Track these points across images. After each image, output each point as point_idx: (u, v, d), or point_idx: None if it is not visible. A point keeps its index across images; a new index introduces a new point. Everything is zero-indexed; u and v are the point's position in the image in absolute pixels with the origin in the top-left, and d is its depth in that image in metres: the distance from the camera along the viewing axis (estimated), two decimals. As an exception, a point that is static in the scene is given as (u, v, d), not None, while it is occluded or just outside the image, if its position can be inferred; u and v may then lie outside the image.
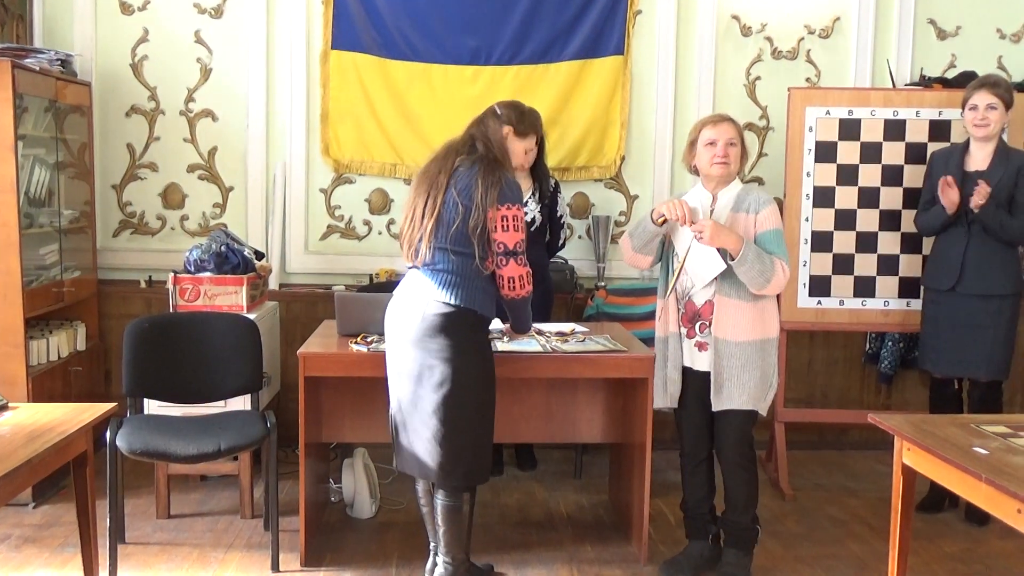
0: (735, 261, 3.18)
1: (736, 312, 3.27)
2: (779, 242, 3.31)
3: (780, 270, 3.23)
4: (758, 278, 3.20)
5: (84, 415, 2.77)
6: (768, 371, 3.34)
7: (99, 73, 4.83)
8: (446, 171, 3.15)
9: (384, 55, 4.88)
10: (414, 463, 3.18)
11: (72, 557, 3.51)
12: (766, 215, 3.31)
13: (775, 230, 3.31)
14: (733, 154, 3.31)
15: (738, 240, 3.19)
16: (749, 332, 3.28)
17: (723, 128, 3.32)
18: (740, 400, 3.30)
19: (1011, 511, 2.28)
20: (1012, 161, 3.93)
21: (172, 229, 4.96)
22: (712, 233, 3.18)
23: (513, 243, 3.10)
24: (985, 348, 3.95)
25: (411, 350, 3.11)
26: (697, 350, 3.36)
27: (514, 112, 3.32)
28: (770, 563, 3.63)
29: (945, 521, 4.11)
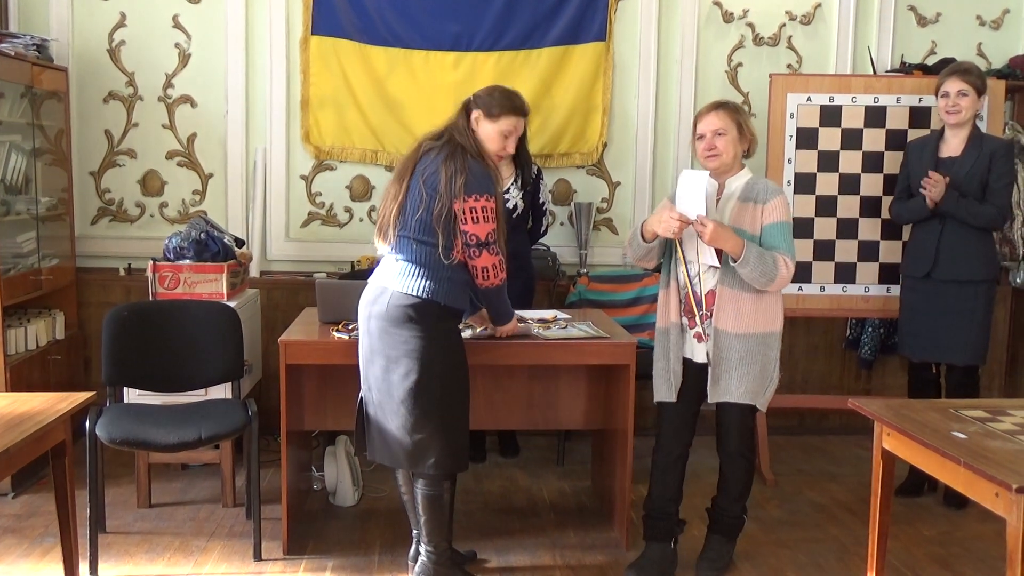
0: (736, 264, 3.10)
1: (737, 303, 3.19)
2: (785, 235, 3.19)
3: (783, 267, 3.12)
4: (760, 278, 3.11)
5: (62, 404, 2.74)
6: (769, 365, 3.25)
7: (76, 58, 4.77)
8: (414, 159, 3.14)
9: (365, 41, 4.85)
10: (385, 452, 3.18)
11: (52, 547, 3.48)
12: (773, 206, 3.19)
13: (781, 223, 3.19)
14: (723, 144, 3.20)
15: (738, 243, 3.08)
16: (751, 324, 3.20)
17: (709, 120, 3.23)
18: (737, 393, 3.22)
19: (989, 495, 2.29)
20: (985, 147, 3.96)
21: (151, 216, 4.92)
22: (713, 235, 3.06)
23: (484, 234, 3.06)
24: (961, 334, 3.98)
25: (377, 340, 3.11)
26: (696, 341, 3.28)
27: (484, 94, 3.23)
28: (751, 548, 3.65)
29: (924, 505, 4.15)
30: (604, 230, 5.08)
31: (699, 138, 3.26)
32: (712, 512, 3.45)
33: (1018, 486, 2.16)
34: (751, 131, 3.28)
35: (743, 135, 3.25)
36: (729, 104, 3.29)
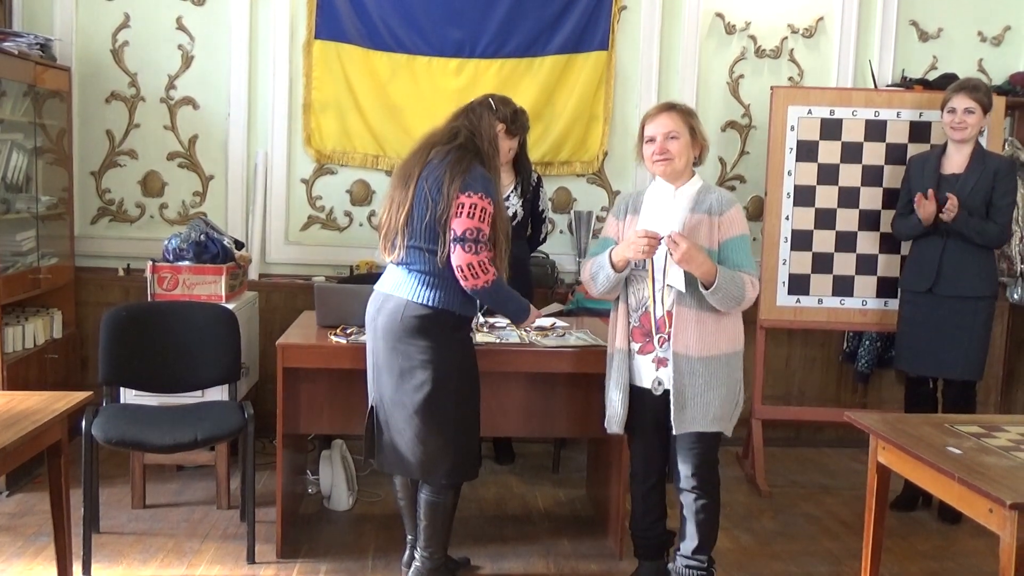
0: (707, 291, 2.87)
1: (697, 325, 2.95)
2: (746, 250, 3.00)
3: (751, 289, 2.94)
4: (730, 303, 2.92)
5: (59, 403, 2.75)
6: (734, 388, 3.03)
7: (79, 58, 4.78)
8: (421, 163, 3.10)
9: (368, 46, 4.86)
10: (397, 462, 3.16)
11: (46, 546, 3.48)
12: (731, 218, 2.98)
13: (741, 236, 3.00)
14: (676, 148, 2.96)
15: (710, 267, 2.86)
16: (712, 346, 2.97)
17: (660, 121, 2.99)
18: (704, 422, 2.97)
19: (983, 511, 2.30)
20: (988, 164, 3.97)
21: (151, 217, 4.93)
22: (686, 255, 2.83)
23: (462, 229, 2.98)
24: (960, 349, 3.99)
25: (390, 350, 3.09)
26: (656, 366, 3.03)
27: (509, 110, 3.27)
28: (745, 559, 3.65)
29: (918, 519, 4.15)
30: (603, 239, 5.09)
31: (648, 141, 3.01)
32: (673, 567, 3.16)
33: (1012, 502, 2.17)
34: (703, 136, 3.06)
35: (695, 140, 3.03)
36: (680, 106, 3.07)
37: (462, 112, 3.21)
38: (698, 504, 3.05)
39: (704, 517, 3.06)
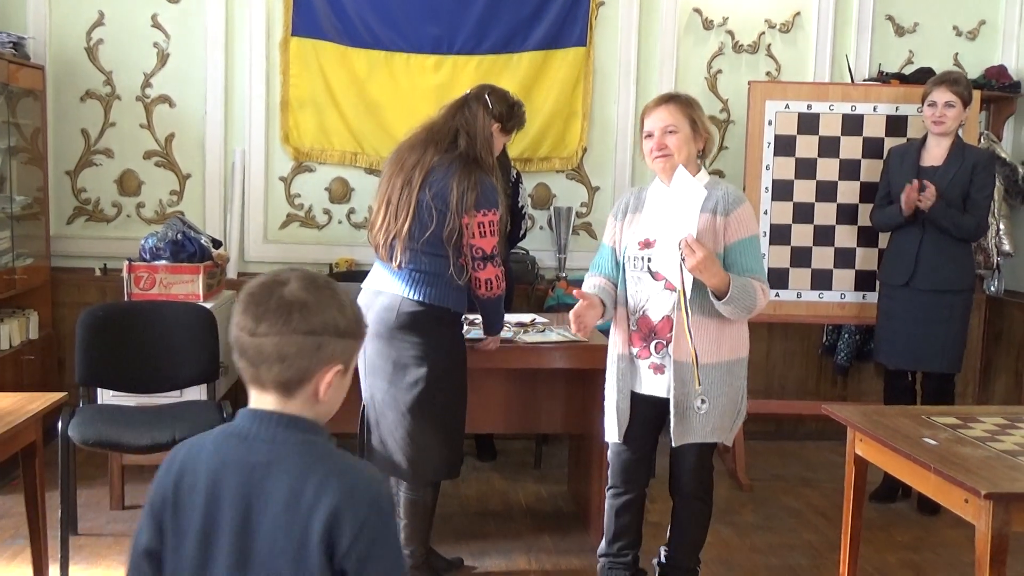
0: (721, 302, 2.69)
1: (699, 331, 2.76)
2: (756, 254, 2.80)
3: (762, 297, 2.75)
4: (741, 313, 2.75)
5: (33, 404, 2.73)
6: (736, 396, 2.88)
7: (53, 57, 4.73)
8: (422, 168, 3.04)
9: (345, 43, 4.84)
10: (386, 462, 3.13)
11: (23, 549, 3.43)
12: (739, 218, 2.77)
13: (751, 238, 2.79)
14: (675, 142, 2.80)
15: (723, 279, 2.67)
16: (715, 353, 2.79)
17: (658, 115, 2.84)
18: (703, 432, 2.83)
19: (959, 501, 2.32)
20: (967, 158, 3.99)
21: (128, 216, 4.89)
22: (700, 265, 2.62)
23: (491, 248, 3.06)
24: (938, 342, 4.01)
25: (384, 347, 3.07)
26: (652, 372, 2.86)
27: (506, 107, 3.20)
28: (726, 552, 3.66)
29: (898, 511, 4.17)
30: (583, 235, 5.09)
31: (647, 136, 2.86)
32: (663, 567, 3.07)
33: (987, 492, 2.18)
34: (706, 128, 2.89)
35: (697, 132, 2.84)
36: (681, 97, 2.89)
37: (458, 107, 3.16)
38: (691, 510, 2.98)
39: (697, 521, 3.00)
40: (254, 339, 1.42)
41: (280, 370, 1.42)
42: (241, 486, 1.41)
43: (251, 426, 1.44)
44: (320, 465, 1.42)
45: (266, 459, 1.42)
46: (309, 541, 1.38)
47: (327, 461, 1.44)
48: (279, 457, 1.42)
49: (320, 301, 1.45)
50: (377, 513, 1.41)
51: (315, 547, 1.37)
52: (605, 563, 3.06)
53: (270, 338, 1.41)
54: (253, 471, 1.41)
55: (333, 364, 1.46)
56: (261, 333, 1.42)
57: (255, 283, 1.47)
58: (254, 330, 1.42)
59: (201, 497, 1.42)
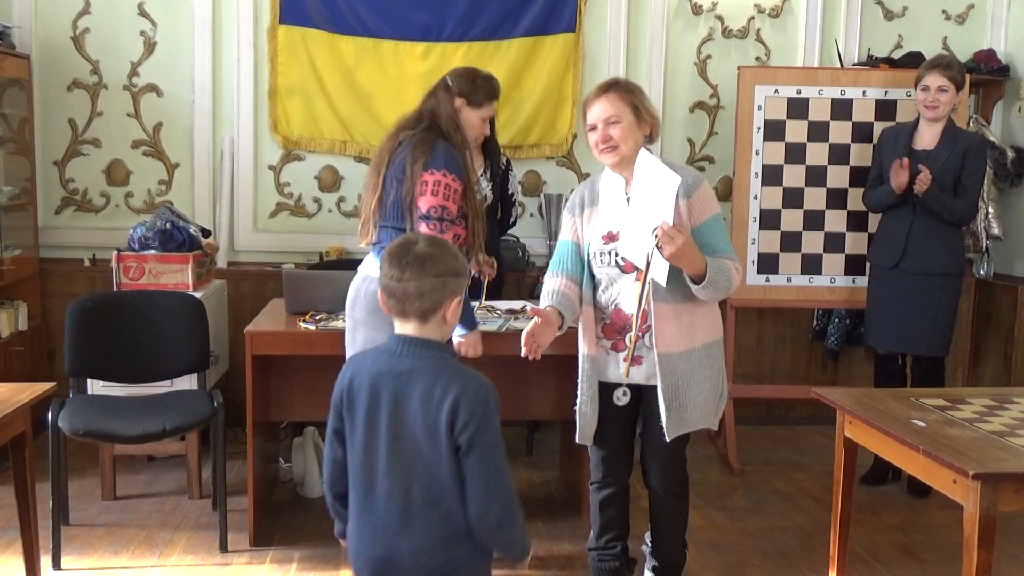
0: (699, 286, 2.64)
1: (675, 318, 2.73)
2: (722, 232, 2.77)
3: (735, 276, 2.71)
4: (719, 294, 2.70)
5: (22, 395, 2.71)
6: (718, 379, 2.85)
7: (39, 46, 4.70)
8: (390, 149, 3.10)
9: (333, 30, 4.81)
10: None
11: (15, 540, 3.42)
12: (702, 199, 2.73)
13: (715, 216, 2.76)
14: (619, 133, 2.71)
15: (701, 262, 2.62)
16: (692, 338, 2.76)
17: (599, 107, 2.74)
18: (693, 420, 2.80)
19: (947, 482, 2.33)
20: (959, 142, 3.99)
21: (116, 206, 4.86)
22: (679, 252, 2.54)
23: (427, 207, 2.95)
24: (927, 325, 4.02)
25: (359, 329, 3.07)
26: (628, 363, 2.79)
27: (465, 82, 3.18)
28: (717, 536, 3.68)
29: (888, 493, 4.20)
30: (573, 221, 5.08)
31: (590, 129, 2.77)
32: (651, 552, 3.09)
33: (975, 473, 2.19)
34: (650, 112, 2.79)
35: (641, 118, 2.75)
36: (620, 84, 2.79)
37: (426, 95, 3.21)
38: (668, 503, 2.96)
39: (675, 513, 2.98)
40: (400, 284, 1.97)
41: (420, 304, 1.98)
42: (392, 387, 1.98)
43: (398, 346, 2.02)
44: (445, 373, 1.97)
45: (408, 368, 1.98)
46: (438, 424, 1.92)
47: (450, 370, 1.99)
48: (417, 367, 1.98)
49: (441, 253, 2.01)
50: (483, 406, 1.93)
51: (442, 428, 1.92)
52: (595, 556, 3.05)
53: (412, 282, 1.96)
54: (399, 376, 1.98)
55: (455, 296, 2.02)
56: (405, 279, 1.97)
57: (394, 244, 2.03)
58: (400, 277, 1.97)
59: (366, 394, 2.00)
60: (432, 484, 1.95)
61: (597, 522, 3.02)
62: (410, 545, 1.96)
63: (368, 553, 2.02)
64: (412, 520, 1.96)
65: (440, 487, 1.95)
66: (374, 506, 2.00)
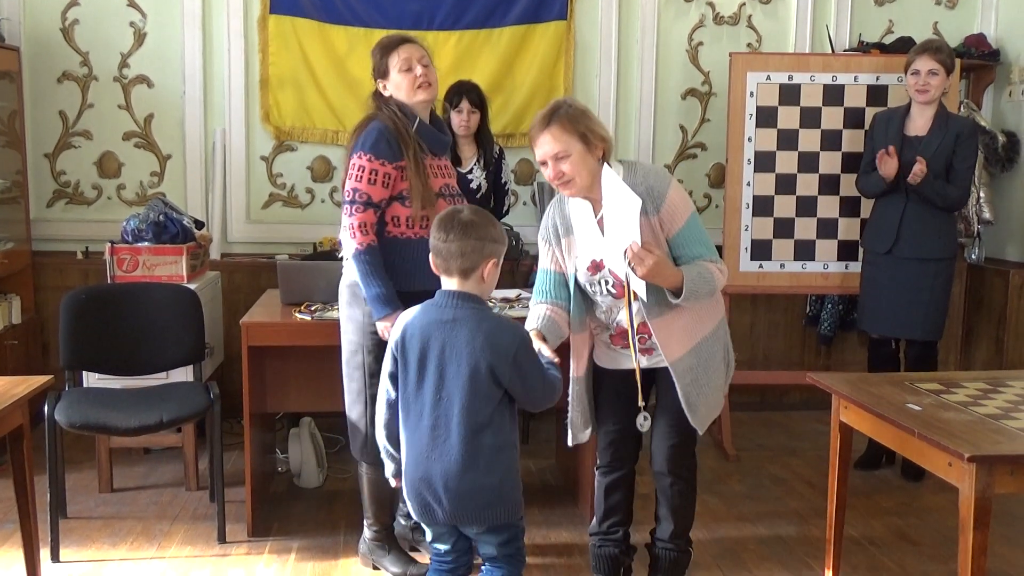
0: (679, 300, 2.60)
1: (674, 323, 2.69)
2: (699, 235, 2.68)
3: (719, 276, 2.67)
4: (704, 299, 2.67)
5: (19, 388, 2.71)
6: (724, 353, 2.84)
7: (28, 38, 4.67)
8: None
9: (324, 20, 4.80)
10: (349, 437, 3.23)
11: (12, 533, 3.44)
12: (671, 208, 2.64)
13: (689, 220, 2.66)
14: (571, 168, 2.58)
15: (676, 276, 2.57)
16: (696, 332, 2.74)
17: (543, 144, 2.59)
18: (717, 405, 2.83)
19: (943, 464, 2.35)
20: (951, 127, 4.00)
21: (108, 199, 4.85)
22: (653, 271, 2.51)
23: (351, 193, 2.96)
24: (921, 310, 4.04)
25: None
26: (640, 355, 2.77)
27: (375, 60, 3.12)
28: (713, 522, 3.70)
29: (882, 477, 4.22)
30: (567, 210, 5.08)
31: (541, 164, 2.63)
32: (651, 549, 3.00)
33: (970, 455, 2.21)
34: (600, 135, 2.62)
35: (591, 144, 2.60)
36: (561, 113, 2.59)
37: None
38: (675, 489, 2.88)
39: (681, 502, 2.89)
40: (446, 244, 2.36)
41: (461, 262, 2.35)
42: (439, 335, 2.35)
43: (444, 299, 2.39)
44: (485, 322, 2.35)
45: (453, 318, 2.35)
46: (479, 370, 2.31)
47: (489, 320, 2.38)
48: (460, 317, 2.35)
49: (482, 221, 2.39)
50: (523, 348, 2.36)
51: (483, 373, 2.30)
52: (596, 541, 3.01)
53: (456, 243, 2.35)
54: (445, 325, 2.35)
55: (490, 258, 2.39)
56: (450, 240, 2.35)
57: (444, 213, 2.42)
58: (445, 239, 2.36)
59: (417, 342, 2.37)
60: (470, 417, 2.31)
61: (601, 507, 2.98)
62: (441, 468, 2.32)
63: (410, 476, 2.39)
64: (448, 448, 2.32)
65: (477, 420, 2.31)
66: (420, 436, 2.36)
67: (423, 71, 3.02)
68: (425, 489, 2.37)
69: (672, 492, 2.88)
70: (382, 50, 3.06)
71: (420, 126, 3.04)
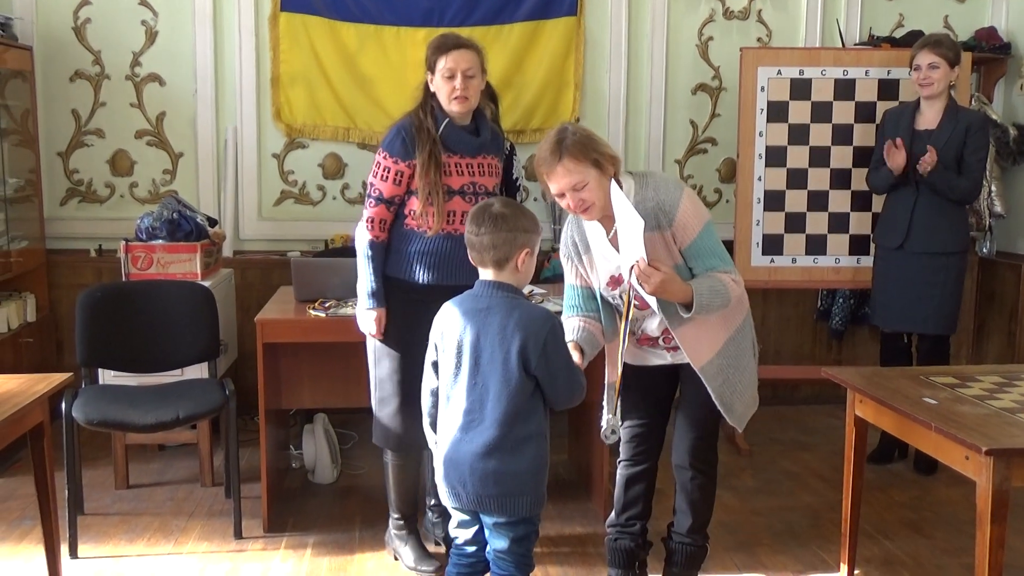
0: (690, 315, 2.60)
1: (698, 329, 2.70)
2: (713, 245, 2.66)
3: (733, 286, 2.64)
4: (718, 311, 2.66)
5: (39, 386, 2.73)
6: (750, 347, 2.85)
7: (40, 37, 4.69)
8: None
9: (334, 17, 4.80)
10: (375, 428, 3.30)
11: (30, 530, 3.47)
12: (684, 220, 2.62)
13: (702, 232, 2.65)
14: (589, 195, 2.57)
15: (686, 291, 2.57)
16: (721, 333, 2.75)
17: (558, 177, 2.56)
18: (753, 400, 2.86)
19: (959, 458, 2.35)
20: (961, 120, 4.00)
21: (121, 197, 4.86)
22: (660, 287, 2.53)
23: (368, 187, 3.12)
24: (933, 304, 4.04)
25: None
26: (667, 352, 2.81)
27: (428, 52, 3.10)
28: (727, 516, 3.70)
29: (895, 471, 4.23)
30: (577, 205, 5.08)
31: (559, 195, 2.61)
32: (667, 542, 3.00)
33: (987, 449, 2.22)
34: (610, 156, 2.61)
35: (603, 168, 2.59)
36: (567, 143, 2.55)
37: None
38: (695, 483, 2.88)
39: (700, 496, 2.89)
40: (478, 237, 2.44)
41: (494, 253, 2.43)
42: (475, 322, 2.43)
43: (480, 289, 2.48)
44: (517, 310, 2.42)
45: (487, 306, 2.43)
46: (511, 355, 2.37)
47: (521, 308, 2.44)
48: (494, 305, 2.43)
49: (513, 213, 2.45)
50: (552, 335, 2.40)
51: (514, 359, 2.37)
52: (612, 533, 3.00)
53: (487, 236, 2.43)
54: (480, 314, 2.43)
55: (523, 248, 2.45)
56: (482, 233, 2.43)
57: (476, 207, 2.51)
58: (478, 232, 2.44)
59: (454, 328, 2.45)
60: (503, 404, 2.37)
61: (620, 499, 2.97)
62: (471, 450, 2.40)
63: (442, 459, 2.46)
64: (480, 432, 2.39)
65: (510, 408, 2.37)
66: (455, 421, 2.44)
67: (462, 84, 3.01)
68: (453, 471, 2.43)
69: (692, 486, 2.88)
70: (435, 49, 3.08)
71: (447, 128, 3.07)
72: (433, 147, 3.04)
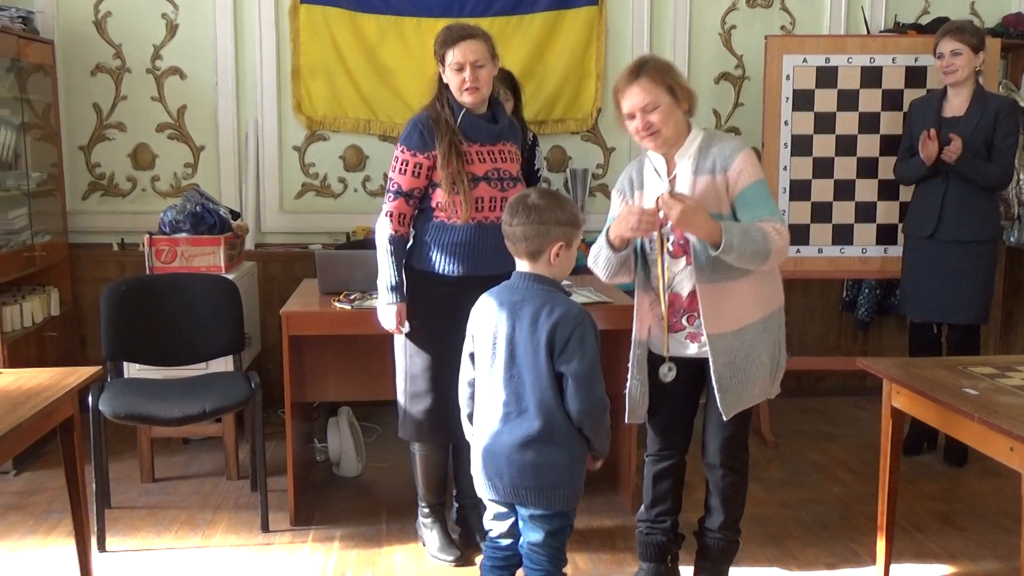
0: (718, 252, 2.53)
1: (722, 297, 2.65)
2: (763, 197, 2.63)
3: (775, 236, 2.56)
4: (752, 260, 2.57)
5: (69, 379, 2.72)
6: (775, 350, 2.78)
7: (61, 31, 4.68)
8: None
9: (355, 8, 4.78)
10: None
11: (58, 523, 3.47)
12: (738, 169, 2.61)
13: (754, 184, 2.62)
14: (659, 118, 2.59)
15: (713, 227, 2.52)
16: (746, 315, 2.68)
17: (632, 96, 2.60)
18: (750, 397, 2.74)
19: (1004, 449, 2.31)
20: (989, 106, 3.95)
21: (143, 190, 4.86)
22: (682, 217, 2.49)
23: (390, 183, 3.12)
24: (965, 293, 3.99)
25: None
26: (689, 341, 2.75)
27: (435, 45, 3.07)
28: (756, 509, 3.67)
29: (925, 463, 4.18)
30: (600, 196, 5.05)
31: (628, 117, 2.65)
32: (700, 537, 2.96)
33: (1033, 440, 2.18)
34: (685, 89, 2.65)
35: (678, 97, 2.62)
36: (649, 65, 2.63)
37: None
38: (726, 481, 2.84)
39: (732, 494, 2.85)
40: (512, 228, 2.44)
41: (526, 245, 2.43)
42: (510, 313, 2.43)
43: (515, 280, 2.48)
44: (549, 302, 2.40)
45: (521, 297, 2.43)
46: (541, 345, 2.37)
47: (553, 299, 2.41)
48: (528, 296, 2.43)
49: (548, 205, 2.43)
50: (579, 328, 2.36)
51: (543, 349, 2.36)
52: (643, 528, 2.97)
53: (521, 227, 2.42)
54: (515, 304, 2.43)
55: (557, 241, 2.43)
56: (516, 224, 2.43)
57: (514, 197, 2.50)
58: (511, 223, 2.44)
59: (490, 319, 2.46)
60: (535, 393, 2.37)
61: (649, 494, 2.95)
62: (509, 441, 2.39)
63: (479, 450, 2.47)
64: (518, 424, 2.39)
65: (546, 399, 2.36)
66: (492, 412, 2.44)
67: (472, 75, 3.00)
68: (491, 462, 2.43)
69: (724, 484, 2.84)
70: (441, 42, 3.05)
71: (465, 117, 3.07)
72: (453, 137, 3.05)
